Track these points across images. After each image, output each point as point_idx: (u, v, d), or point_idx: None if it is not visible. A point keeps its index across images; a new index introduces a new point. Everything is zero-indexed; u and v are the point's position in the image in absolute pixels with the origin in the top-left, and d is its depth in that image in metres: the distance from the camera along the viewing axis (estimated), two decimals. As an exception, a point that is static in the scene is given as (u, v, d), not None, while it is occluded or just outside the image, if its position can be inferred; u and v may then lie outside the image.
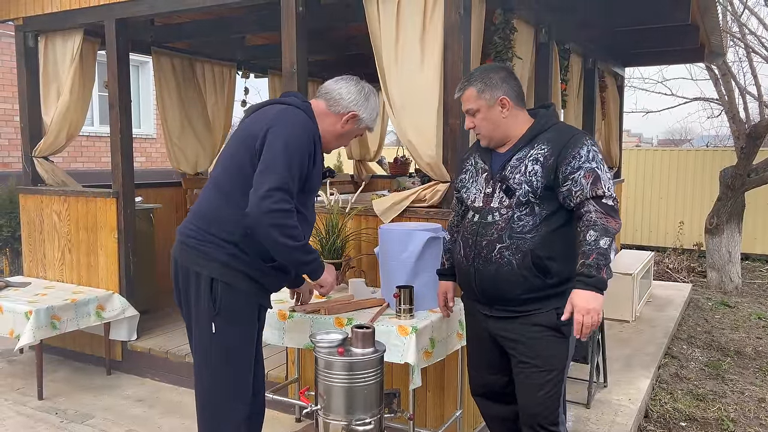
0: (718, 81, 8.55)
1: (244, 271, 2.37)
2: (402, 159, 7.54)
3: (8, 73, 9.16)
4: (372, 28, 3.36)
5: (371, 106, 2.58)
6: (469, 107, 2.39)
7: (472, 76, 2.39)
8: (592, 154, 2.25)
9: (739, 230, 7.78)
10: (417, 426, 3.04)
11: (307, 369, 3.54)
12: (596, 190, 2.19)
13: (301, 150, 2.32)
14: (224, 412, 2.44)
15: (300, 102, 2.47)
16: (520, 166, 2.31)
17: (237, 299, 2.38)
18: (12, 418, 3.68)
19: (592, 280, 2.13)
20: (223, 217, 2.36)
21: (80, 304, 4.08)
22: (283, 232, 2.23)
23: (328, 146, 2.58)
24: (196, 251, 2.38)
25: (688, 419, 3.94)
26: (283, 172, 2.25)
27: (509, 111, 2.36)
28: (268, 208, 2.20)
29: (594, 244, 2.14)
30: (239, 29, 5.20)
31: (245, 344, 2.45)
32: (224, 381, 2.43)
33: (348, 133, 2.58)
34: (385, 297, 2.99)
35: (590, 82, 5.73)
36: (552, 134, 2.33)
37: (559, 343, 2.33)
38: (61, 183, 4.79)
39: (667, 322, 5.76)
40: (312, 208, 2.55)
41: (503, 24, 3.69)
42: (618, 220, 2.20)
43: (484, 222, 2.36)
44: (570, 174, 2.23)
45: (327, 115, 2.52)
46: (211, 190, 2.44)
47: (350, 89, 2.53)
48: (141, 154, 11.23)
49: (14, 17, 4.64)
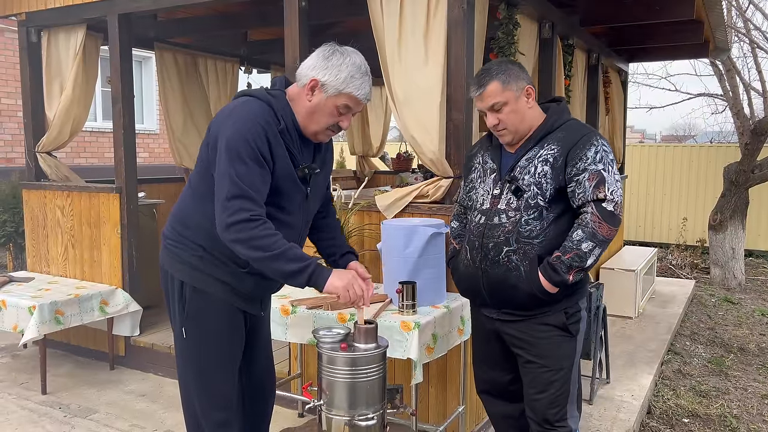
0: (722, 77, 8.52)
1: (214, 275, 2.21)
2: (405, 155, 7.53)
3: (11, 69, 9.17)
4: (375, 23, 3.35)
5: (332, 64, 2.13)
6: (495, 101, 2.28)
7: (491, 71, 2.30)
8: (600, 155, 2.20)
9: (742, 227, 7.76)
10: (419, 421, 3.05)
11: (309, 364, 3.55)
12: (597, 193, 2.16)
13: (247, 148, 2.02)
14: (203, 414, 2.34)
15: (265, 92, 2.18)
16: (530, 166, 2.27)
17: (206, 304, 2.22)
18: (16, 412, 3.69)
19: (557, 278, 2.17)
20: (193, 219, 2.23)
21: (84, 299, 4.09)
22: (248, 244, 2.00)
23: (306, 129, 2.19)
24: (170, 253, 2.27)
25: (690, 415, 3.94)
26: (232, 177, 2.00)
27: (533, 101, 2.31)
28: (226, 223, 2.01)
29: (577, 243, 2.15)
30: (242, 24, 5.19)
31: (218, 350, 2.29)
32: (199, 386, 2.31)
33: (318, 106, 2.14)
34: (387, 293, 2.99)
35: (594, 78, 5.71)
36: (562, 133, 2.27)
37: (566, 343, 2.32)
38: (64, 178, 4.79)
39: (670, 318, 5.75)
40: (293, 208, 2.23)
41: (506, 19, 3.67)
42: (612, 227, 2.16)
43: (491, 224, 2.32)
44: (575, 175, 2.19)
45: (297, 93, 2.19)
46: (186, 191, 2.31)
47: (312, 57, 2.19)
48: (144, 150, 11.24)
49: (17, 12, 4.64)
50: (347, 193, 3.52)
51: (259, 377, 2.54)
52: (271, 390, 2.62)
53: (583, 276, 2.25)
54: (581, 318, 2.35)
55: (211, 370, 2.30)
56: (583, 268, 2.16)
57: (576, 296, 2.33)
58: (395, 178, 7.19)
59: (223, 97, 6.16)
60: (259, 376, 2.54)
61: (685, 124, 21.04)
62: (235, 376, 2.38)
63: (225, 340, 2.29)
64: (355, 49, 2.21)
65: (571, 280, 2.17)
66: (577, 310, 2.33)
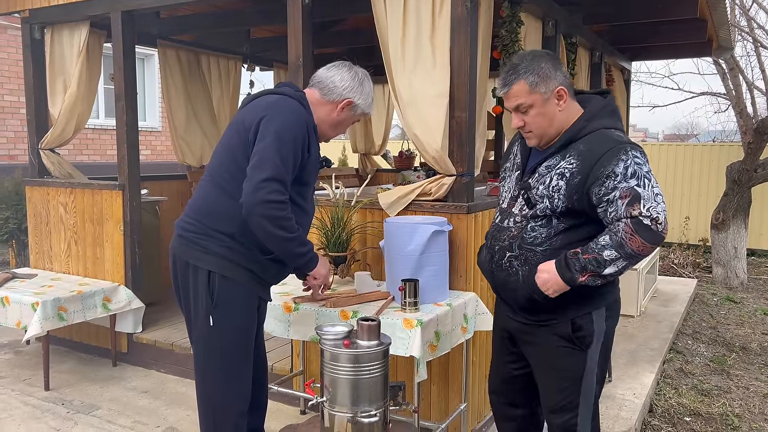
0: (725, 75, 8.51)
1: (242, 264, 2.35)
2: (407, 153, 7.53)
3: (14, 66, 9.18)
4: (378, 20, 3.35)
5: (366, 91, 2.51)
6: (520, 102, 2.11)
7: (520, 68, 2.10)
8: (632, 169, 1.96)
9: (745, 226, 7.75)
10: (422, 419, 3.05)
11: (312, 361, 3.55)
12: (632, 210, 1.94)
13: (294, 140, 2.28)
14: (223, 404, 2.43)
15: (293, 92, 2.43)
16: (546, 176, 2.10)
17: (235, 292, 2.36)
18: (19, 408, 3.70)
19: (568, 274, 2.02)
20: (220, 209, 2.35)
21: (87, 296, 4.10)
22: (276, 223, 2.21)
23: (324, 135, 2.53)
24: (193, 244, 2.36)
25: (692, 414, 3.94)
26: (276, 162, 2.21)
27: (566, 103, 2.11)
28: (262, 199, 2.18)
29: (600, 248, 1.98)
30: (245, 22, 5.19)
31: (244, 337, 2.43)
32: (223, 374, 2.42)
33: (344, 120, 2.52)
34: (390, 290, 2.99)
35: (597, 76, 5.70)
36: (586, 145, 2.05)
37: (574, 356, 2.17)
38: (67, 175, 4.80)
39: (672, 317, 5.75)
40: (311, 199, 2.51)
41: (510, 17, 3.67)
42: (646, 242, 1.93)
43: (501, 226, 2.24)
44: (605, 195, 1.98)
45: (322, 104, 2.47)
46: (208, 183, 2.42)
47: (344, 76, 2.47)
48: (146, 147, 11.25)
49: (20, 9, 4.64)
50: (350, 191, 3.52)
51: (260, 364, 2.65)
52: (265, 379, 2.75)
53: (600, 282, 2.03)
54: (593, 331, 2.16)
55: (236, 358, 2.43)
56: (600, 274, 1.99)
57: (587, 306, 2.14)
58: (397, 176, 7.18)
59: (225, 94, 6.17)
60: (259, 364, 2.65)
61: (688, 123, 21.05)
62: (252, 364, 2.50)
63: (249, 327, 2.45)
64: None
65: (582, 281, 2.01)
66: (589, 321, 2.15)
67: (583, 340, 2.15)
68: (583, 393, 2.21)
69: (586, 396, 2.22)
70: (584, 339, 2.15)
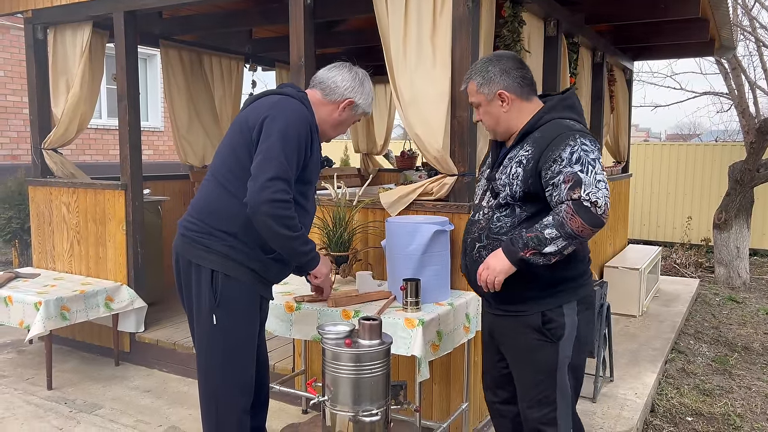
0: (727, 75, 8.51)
1: (244, 263, 2.38)
2: (409, 152, 7.53)
3: (17, 66, 9.20)
4: (380, 20, 3.35)
5: (366, 91, 2.56)
6: (472, 101, 2.34)
7: (473, 69, 2.31)
8: (577, 155, 2.06)
9: (747, 226, 7.75)
10: (423, 418, 3.05)
11: (313, 360, 3.56)
12: (572, 194, 2.04)
13: (298, 139, 2.31)
14: (227, 402, 2.45)
15: (296, 92, 2.47)
16: (508, 166, 2.23)
17: (237, 291, 2.39)
18: (22, 407, 3.71)
19: (512, 249, 2.12)
20: (223, 208, 2.37)
21: (89, 296, 4.11)
22: (281, 222, 2.23)
23: (326, 135, 2.57)
24: (196, 243, 2.39)
25: (694, 414, 3.94)
26: (281, 161, 2.24)
27: (510, 105, 2.25)
28: (267, 198, 2.20)
29: (542, 227, 2.07)
30: (247, 22, 5.20)
31: (247, 335, 2.46)
32: (226, 372, 2.44)
33: (345, 120, 2.57)
34: (391, 290, 2.99)
35: (599, 76, 5.70)
36: (539, 134, 2.19)
37: (545, 348, 2.23)
38: (70, 175, 4.81)
39: (674, 317, 5.74)
40: (312, 199, 2.54)
41: (512, 17, 3.67)
42: (586, 224, 2.01)
43: (472, 219, 2.35)
44: (551, 179, 2.09)
45: (323, 104, 2.52)
46: (210, 182, 2.44)
47: (344, 76, 2.52)
48: (149, 147, 11.27)
49: (23, 10, 4.66)
50: (351, 191, 3.53)
51: (261, 363, 2.66)
52: (267, 378, 2.77)
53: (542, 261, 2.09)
54: (565, 324, 2.22)
55: (239, 355, 2.45)
56: (541, 252, 2.07)
57: (556, 299, 2.21)
58: (399, 176, 7.19)
59: (227, 94, 6.18)
60: (261, 363, 2.66)
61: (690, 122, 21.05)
62: (255, 361, 2.52)
63: (251, 325, 2.47)
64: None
65: (525, 257, 2.09)
66: (560, 315, 2.21)
67: (554, 333, 2.22)
68: (559, 387, 2.26)
69: (562, 390, 2.27)
70: (555, 331, 2.22)
